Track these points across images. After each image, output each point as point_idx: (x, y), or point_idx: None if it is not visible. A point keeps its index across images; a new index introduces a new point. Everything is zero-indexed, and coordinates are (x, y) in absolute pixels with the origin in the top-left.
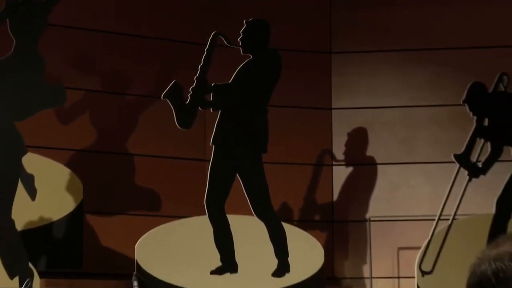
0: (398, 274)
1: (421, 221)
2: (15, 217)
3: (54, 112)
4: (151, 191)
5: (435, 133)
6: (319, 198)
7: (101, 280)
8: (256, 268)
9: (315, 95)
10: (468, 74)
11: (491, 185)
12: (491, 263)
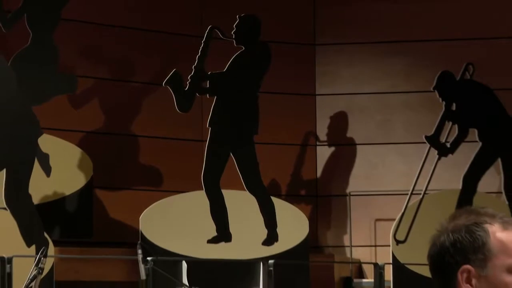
0: (375, 243)
1: (396, 195)
2: (32, 192)
3: (67, 97)
4: (153, 168)
5: (408, 116)
6: (304, 175)
7: (109, 248)
8: (247, 237)
9: (301, 83)
10: (438, 64)
11: (458, 163)
12: (449, 234)
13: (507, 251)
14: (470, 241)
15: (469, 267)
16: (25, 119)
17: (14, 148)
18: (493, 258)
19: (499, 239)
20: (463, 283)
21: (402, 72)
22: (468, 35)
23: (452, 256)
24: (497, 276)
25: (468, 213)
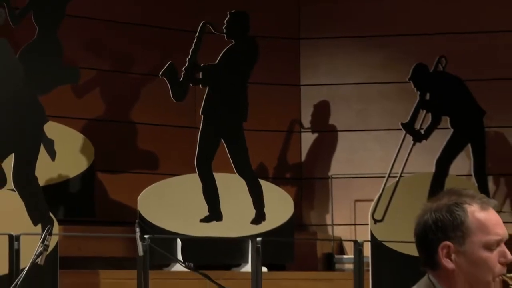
0: (354, 222)
1: (374, 178)
2: (38, 174)
3: (70, 88)
4: (150, 153)
5: (385, 105)
6: (290, 159)
7: (109, 227)
8: (237, 217)
9: (286, 74)
10: (413, 56)
11: (431, 148)
12: (431, 213)
13: (484, 229)
14: (450, 219)
15: (448, 243)
16: (32, 107)
17: (22, 134)
18: (471, 236)
19: (477, 218)
20: (443, 258)
21: (379, 64)
22: (441, 30)
23: (434, 233)
24: (474, 251)
25: (450, 194)
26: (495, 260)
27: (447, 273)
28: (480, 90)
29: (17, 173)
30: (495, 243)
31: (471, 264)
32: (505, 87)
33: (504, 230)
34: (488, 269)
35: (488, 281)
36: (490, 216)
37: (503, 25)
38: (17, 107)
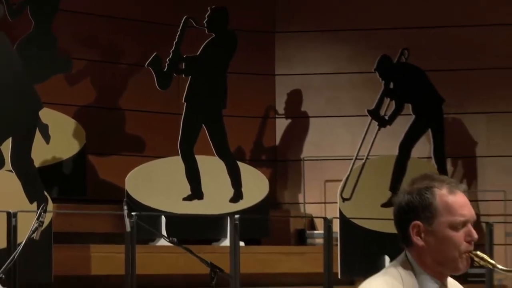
0: (324, 200)
1: (342, 160)
2: (33, 156)
3: (63, 77)
4: (137, 137)
5: (353, 94)
6: (265, 143)
7: (99, 205)
8: (217, 195)
9: (262, 65)
10: (378, 49)
11: (395, 133)
12: (405, 196)
13: (450, 211)
14: (420, 201)
15: (418, 223)
16: (28, 95)
17: (19, 120)
18: (438, 216)
19: (444, 201)
20: (414, 236)
21: (348, 56)
22: (404, 25)
23: (406, 214)
24: (441, 231)
25: (424, 178)
26: (461, 239)
27: (418, 249)
28: (440, 80)
29: (15, 155)
30: (461, 224)
31: (438, 242)
32: (462, 77)
33: (470, 212)
34: (454, 247)
35: (454, 257)
36: (457, 199)
37: (460, 20)
38: (15, 95)
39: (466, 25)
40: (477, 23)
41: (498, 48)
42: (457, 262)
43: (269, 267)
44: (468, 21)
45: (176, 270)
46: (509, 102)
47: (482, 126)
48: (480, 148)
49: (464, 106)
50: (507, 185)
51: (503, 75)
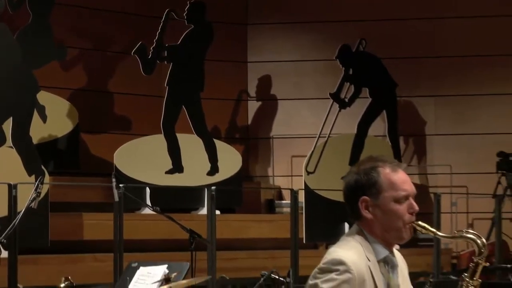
0: (291, 174)
1: (307, 138)
2: (32, 134)
3: (58, 63)
4: (125, 117)
5: (317, 79)
6: (239, 122)
7: (91, 177)
8: (195, 169)
9: (236, 53)
10: (339, 39)
11: (354, 114)
12: (353, 175)
13: (393, 187)
14: (366, 179)
15: (366, 198)
16: (27, 79)
17: (19, 101)
18: (383, 192)
19: (388, 178)
20: (363, 210)
21: (312, 45)
22: (362, 18)
23: (355, 191)
24: (386, 204)
25: (368, 160)
26: (404, 211)
27: (367, 222)
28: (393, 67)
29: (15, 133)
30: (403, 198)
31: (384, 214)
32: (413, 64)
33: (411, 187)
34: (398, 218)
35: (399, 227)
36: (399, 176)
37: (412, 13)
38: (15, 79)
39: (417, 17)
40: (427, 16)
41: (445, 39)
42: (401, 231)
43: (242, 233)
44: (420, 14)
45: (159, 236)
46: (454, 87)
47: (430, 108)
48: (429, 127)
49: (414, 90)
50: (452, 160)
51: (450, 62)
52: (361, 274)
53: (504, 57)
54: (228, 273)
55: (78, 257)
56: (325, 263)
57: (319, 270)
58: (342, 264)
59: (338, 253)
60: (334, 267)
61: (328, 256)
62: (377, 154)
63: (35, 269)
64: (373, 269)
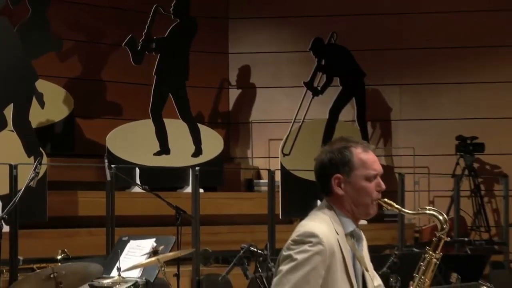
0: (268, 155)
1: (283, 123)
2: (31, 119)
3: (55, 54)
4: (116, 104)
5: (292, 69)
6: (221, 109)
7: (85, 159)
8: (181, 151)
9: (218, 45)
10: (312, 32)
11: (325, 101)
12: (327, 154)
13: (365, 166)
14: (340, 158)
15: (339, 175)
16: (26, 68)
17: (19, 89)
18: (355, 170)
19: (360, 158)
20: (335, 186)
21: (289, 38)
22: (334, 13)
23: (328, 168)
24: (357, 182)
25: (341, 140)
26: (373, 189)
27: (338, 197)
28: (362, 58)
29: (15, 118)
30: (373, 176)
31: (355, 191)
32: (380, 56)
33: (379, 167)
34: (367, 195)
35: (367, 203)
36: (369, 156)
37: (380, 9)
38: (15, 69)
39: (385, 13)
40: (394, 11)
41: (409, 33)
42: (369, 207)
43: (224, 209)
44: (387, 10)
45: (147, 212)
46: (417, 76)
47: (395, 95)
48: (394, 113)
49: (381, 79)
50: (415, 143)
51: (413, 54)
52: (331, 246)
53: (462, 50)
54: (211, 246)
55: (73, 231)
56: (298, 235)
57: (293, 242)
58: (314, 236)
59: (311, 226)
60: (307, 239)
61: (300, 228)
62: (346, 136)
63: (34, 242)
64: (341, 242)
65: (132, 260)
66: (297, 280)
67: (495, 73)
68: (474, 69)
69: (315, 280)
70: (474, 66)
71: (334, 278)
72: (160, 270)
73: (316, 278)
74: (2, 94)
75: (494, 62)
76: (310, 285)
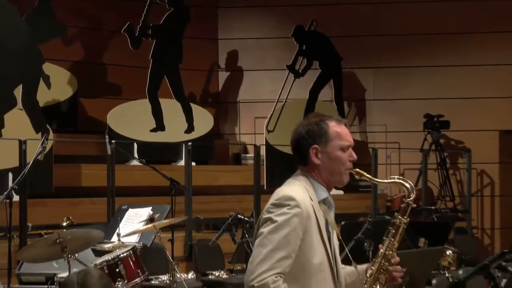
0: (254, 132)
1: (268, 102)
2: (38, 98)
3: (60, 39)
4: (116, 85)
5: (276, 53)
6: (211, 89)
7: (87, 135)
8: (175, 128)
9: (209, 32)
10: (294, 20)
11: (306, 82)
12: (304, 127)
13: (339, 137)
14: (317, 130)
15: (316, 146)
16: (34, 52)
17: (27, 71)
18: (331, 141)
19: (335, 130)
20: (313, 156)
21: (273, 25)
22: (313, 2)
23: (306, 140)
24: (333, 152)
25: (316, 115)
26: (346, 159)
27: (315, 167)
28: (339, 43)
29: (24, 97)
30: (346, 147)
31: (330, 160)
32: (355, 41)
33: (351, 139)
34: (341, 164)
35: (341, 172)
36: (343, 129)
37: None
38: (24, 53)
39: (360, 2)
40: (369, 1)
41: (383, 20)
42: (342, 176)
43: (214, 181)
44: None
45: (144, 183)
46: (390, 60)
47: (369, 77)
48: (368, 94)
49: (356, 63)
50: (387, 121)
51: (387, 40)
52: (307, 209)
53: (431, 36)
54: (202, 214)
55: (77, 200)
56: (277, 199)
57: (272, 205)
58: (292, 199)
59: (288, 191)
60: (286, 202)
61: (279, 193)
62: (321, 111)
63: (41, 211)
64: (315, 207)
65: (131, 227)
66: (278, 240)
67: (460, 58)
68: (441, 54)
69: (295, 241)
70: (441, 51)
71: (311, 240)
72: (156, 235)
73: (295, 238)
74: (12, 76)
75: (459, 47)
76: (290, 245)
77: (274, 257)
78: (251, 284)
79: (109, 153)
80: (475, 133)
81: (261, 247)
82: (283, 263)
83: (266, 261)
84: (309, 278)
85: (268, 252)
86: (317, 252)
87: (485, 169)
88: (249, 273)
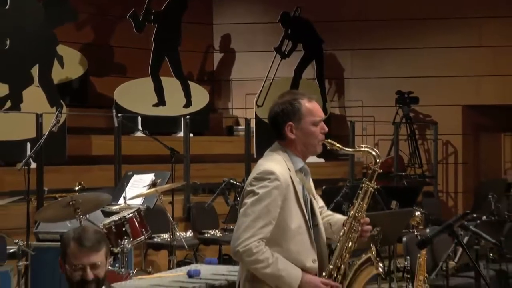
0: (245, 106)
1: (257, 80)
2: (53, 76)
3: (73, 23)
4: (122, 64)
5: (265, 37)
6: (206, 68)
7: (97, 109)
8: (175, 103)
9: (205, 17)
10: (281, 7)
11: (292, 63)
12: (279, 105)
13: (311, 113)
14: (291, 108)
15: (291, 123)
16: (49, 35)
17: (43, 52)
18: (304, 117)
19: (307, 107)
20: (288, 132)
21: (262, 12)
22: None
23: (281, 117)
24: (306, 127)
25: (289, 93)
26: (318, 132)
27: (290, 141)
28: (321, 28)
29: (40, 75)
30: (318, 122)
31: (304, 135)
32: (336, 26)
33: (322, 113)
34: (314, 137)
35: (314, 144)
36: (314, 106)
37: None
38: (40, 35)
39: None
40: None
41: (360, 7)
42: (316, 147)
43: (209, 150)
44: None
45: (147, 152)
46: (366, 43)
47: (347, 58)
48: (346, 73)
49: (336, 45)
50: (363, 97)
51: (363, 25)
52: (286, 180)
53: (402, 21)
54: (199, 179)
55: (88, 168)
56: (258, 173)
57: (254, 179)
58: (272, 173)
59: (268, 165)
60: (266, 176)
61: (260, 167)
62: (293, 90)
63: (56, 177)
64: (293, 176)
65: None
66: (260, 210)
67: (428, 41)
68: (412, 37)
69: (275, 209)
70: (412, 35)
71: (289, 207)
72: (158, 198)
73: (275, 207)
74: (29, 56)
75: (427, 32)
76: (271, 214)
77: (256, 225)
78: (236, 249)
79: (116, 125)
80: (441, 107)
81: (244, 217)
82: (264, 230)
83: (249, 229)
84: (289, 241)
85: (251, 222)
86: (296, 217)
87: (449, 140)
88: (234, 240)
